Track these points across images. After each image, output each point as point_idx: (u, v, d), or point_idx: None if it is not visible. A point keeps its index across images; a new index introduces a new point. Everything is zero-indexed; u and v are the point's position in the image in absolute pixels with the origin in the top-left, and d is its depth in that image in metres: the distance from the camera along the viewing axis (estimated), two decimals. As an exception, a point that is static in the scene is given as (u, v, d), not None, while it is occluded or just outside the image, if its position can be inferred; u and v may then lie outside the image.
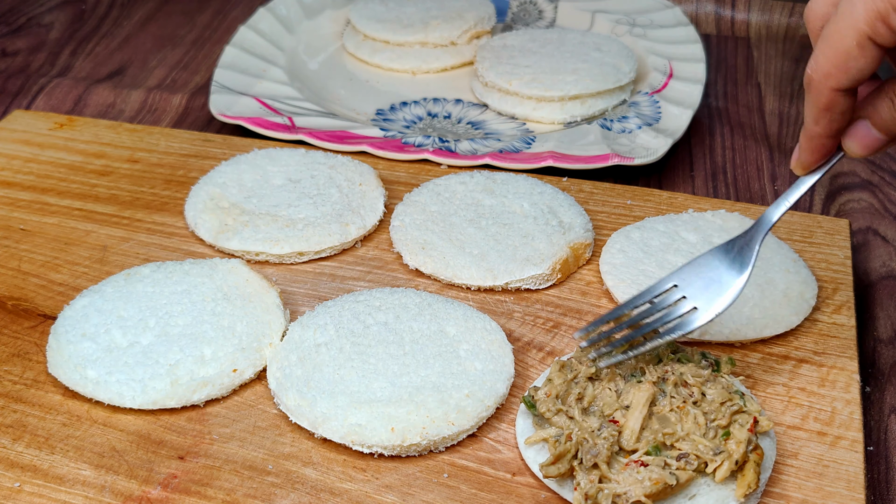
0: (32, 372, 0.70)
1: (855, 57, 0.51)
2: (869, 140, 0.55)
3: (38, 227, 0.85)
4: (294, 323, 0.72)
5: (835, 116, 0.55)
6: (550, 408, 0.61)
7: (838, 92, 0.53)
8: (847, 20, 0.50)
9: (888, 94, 0.54)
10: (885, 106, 0.54)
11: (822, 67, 0.53)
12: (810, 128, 0.56)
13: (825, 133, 0.56)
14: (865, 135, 0.55)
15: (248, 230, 0.81)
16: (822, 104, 0.54)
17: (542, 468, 0.59)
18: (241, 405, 0.68)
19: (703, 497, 0.58)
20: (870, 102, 0.55)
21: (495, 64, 1.06)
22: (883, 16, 0.49)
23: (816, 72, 0.53)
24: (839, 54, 0.51)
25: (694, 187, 0.96)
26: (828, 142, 0.57)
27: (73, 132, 0.99)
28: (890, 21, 0.49)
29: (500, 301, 0.77)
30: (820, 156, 0.58)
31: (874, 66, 0.52)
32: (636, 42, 1.15)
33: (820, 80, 0.53)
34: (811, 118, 0.56)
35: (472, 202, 0.84)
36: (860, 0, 0.50)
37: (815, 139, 0.57)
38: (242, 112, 1.00)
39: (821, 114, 0.55)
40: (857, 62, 0.51)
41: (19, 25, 1.29)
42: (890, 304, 0.79)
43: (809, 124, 0.56)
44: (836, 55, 0.52)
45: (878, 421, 0.70)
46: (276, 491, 0.61)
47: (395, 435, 0.62)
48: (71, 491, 0.61)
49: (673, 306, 0.62)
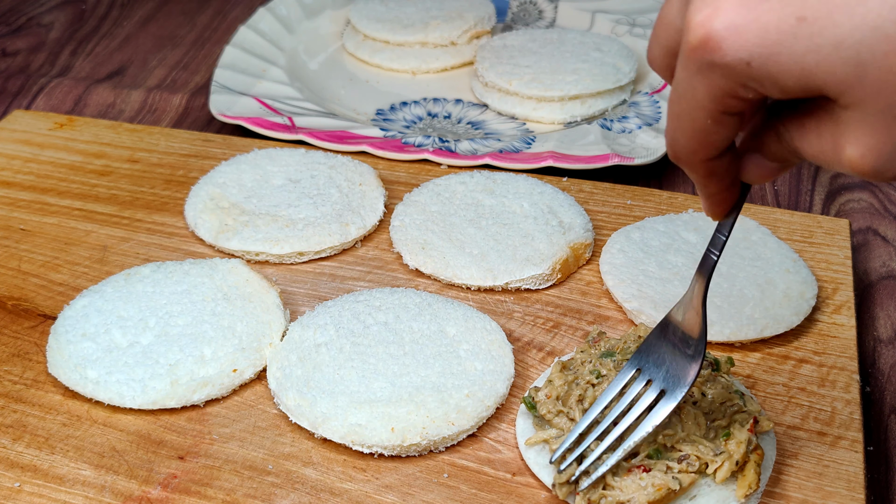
0: (32, 372, 0.70)
1: (714, 131, 0.47)
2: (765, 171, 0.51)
3: (38, 227, 0.85)
4: (294, 323, 0.72)
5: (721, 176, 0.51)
6: (551, 409, 0.61)
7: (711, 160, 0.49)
8: (692, 103, 0.45)
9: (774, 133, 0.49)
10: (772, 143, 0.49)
11: (684, 147, 0.48)
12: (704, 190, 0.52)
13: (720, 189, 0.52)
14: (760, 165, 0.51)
15: (248, 230, 0.81)
16: (703, 174, 0.50)
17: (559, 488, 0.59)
18: (241, 405, 0.68)
19: (703, 498, 0.58)
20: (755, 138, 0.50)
21: (495, 64, 1.06)
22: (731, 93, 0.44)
23: (681, 151, 0.49)
24: (696, 133, 0.47)
25: (694, 187, 0.96)
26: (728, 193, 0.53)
27: (73, 132, 0.99)
28: (740, 95, 0.44)
29: (500, 301, 0.77)
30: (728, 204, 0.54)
31: (737, 129, 0.47)
32: (636, 42, 1.15)
33: (688, 156, 0.49)
34: (700, 184, 0.52)
35: (472, 202, 0.84)
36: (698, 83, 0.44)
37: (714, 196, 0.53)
38: (242, 112, 1.00)
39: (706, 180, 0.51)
40: (719, 135, 0.47)
41: (19, 25, 1.29)
42: (890, 304, 0.79)
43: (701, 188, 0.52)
44: (695, 134, 0.47)
45: (878, 421, 0.70)
46: (276, 491, 0.61)
47: (395, 435, 0.62)
48: (71, 491, 0.61)
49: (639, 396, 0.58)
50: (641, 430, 0.57)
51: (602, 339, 0.65)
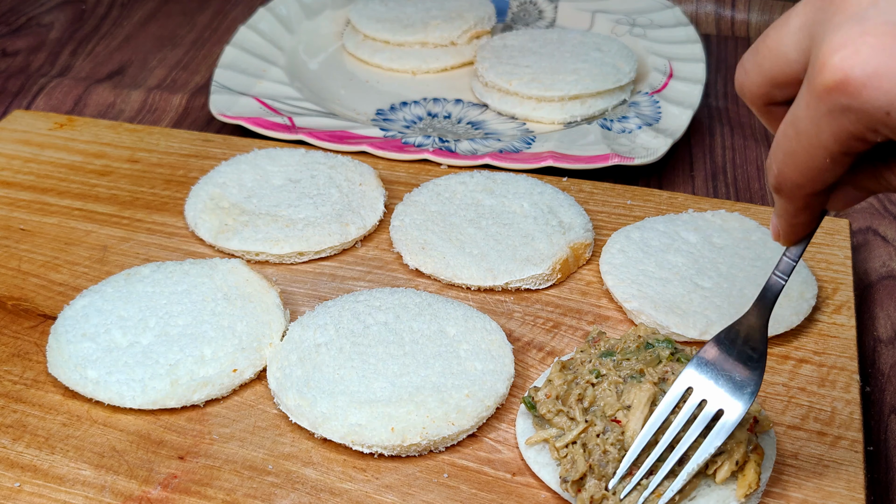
0: (32, 372, 0.70)
1: (829, 170, 0.46)
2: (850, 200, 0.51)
3: (38, 227, 0.85)
4: (294, 323, 0.72)
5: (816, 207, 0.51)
6: (551, 409, 0.61)
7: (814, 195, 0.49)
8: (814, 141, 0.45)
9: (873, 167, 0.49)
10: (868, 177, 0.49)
11: (792, 180, 0.48)
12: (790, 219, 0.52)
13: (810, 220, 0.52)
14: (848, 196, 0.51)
15: (248, 230, 0.81)
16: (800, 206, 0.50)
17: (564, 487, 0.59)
18: (241, 405, 0.68)
19: (703, 498, 0.58)
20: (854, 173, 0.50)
21: (495, 64, 1.06)
22: (858, 136, 0.43)
23: (786, 182, 0.48)
24: (810, 169, 0.47)
25: (694, 187, 0.96)
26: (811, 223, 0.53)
27: (73, 132, 0.99)
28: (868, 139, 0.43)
29: (500, 301, 0.77)
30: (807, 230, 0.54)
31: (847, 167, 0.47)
32: (636, 42, 1.15)
33: (792, 189, 0.49)
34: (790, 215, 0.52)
35: (472, 202, 0.84)
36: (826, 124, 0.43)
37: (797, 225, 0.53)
38: (242, 112, 1.00)
39: (800, 212, 0.51)
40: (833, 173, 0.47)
41: (19, 25, 1.29)
42: (890, 304, 0.79)
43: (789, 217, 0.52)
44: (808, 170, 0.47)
45: (878, 421, 0.70)
46: (276, 491, 0.61)
47: (395, 435, 0.62)
48: (71, 491, 0.61)
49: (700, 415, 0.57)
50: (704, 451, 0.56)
51: (602, 339, 0.65)
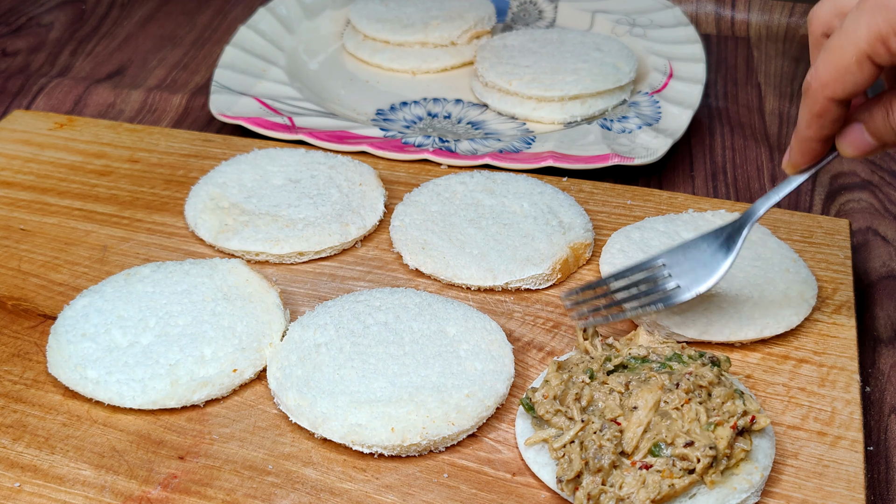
0: (32, 372, 0.70)
1: (853, 72, 0.54)
2: (861, 143, 0.59)
3: (38, 227, 0.85)
4: (294, 323, 0.72)
5: (826, 123, 0.58)
6: (549, 409, 0.61)
7: (832, 101, 0.57)
8: (849, 36, 0.53)
9: (885, 104, 0.57)
10: (880, 114, 0.57)
11: (820, 77, 0.56)
12: (802, 131, 0.60)
13: (816, 137, 0.60)
14: (858, 138, 0.59)
15: (248, 230, 0.81)
16: (816, 110, 0.58)
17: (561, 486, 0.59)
18: (241, 405, 0.68)
19: (703, 496, 0.58)
20: (867, 109, 0.58)
21: (495, 64, 1.06)
22: (884, 38, 0.52)
23: (815, 80, 0.56)
24: (838, 68, 0.55)
25: (694, 187, 0.96)
26: (817, 145, 0.61)
27: (73, 132, 0.99)
28: (889, 43, 0.52)
29: (500, 301, 0.77)
30: (810, 158, 0.62)
31: (869, 82, 0.55)
32: (636, 42, 1.15)
33: (817, 88, 0.56)
34: (804, 122, 0.59)
35: (472, 202, 0.84)
36: (864, 20, 0.52)
37: (805, 142, 0.61)
38: (242, 112, 1.00)
39: (813, 119, 0.58)
40: (854, 77, 0.55)
41: (19, 25, 1.29)
42: (890, 304, 0.79)
43: (802, 128, 0.60)
44: (836, 68, 0.55)
45: (878, 421, 0.70)
46: (276, 491, 0.61)
47: (395, 435, 0.62)
48: (71, 491, 0.61)
49: (658, 282, 0.66)
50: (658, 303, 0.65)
51: (597, 338, 0.66)
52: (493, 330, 0.70)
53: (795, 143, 0.61)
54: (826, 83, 0.56)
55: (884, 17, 0.51)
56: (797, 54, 1.21)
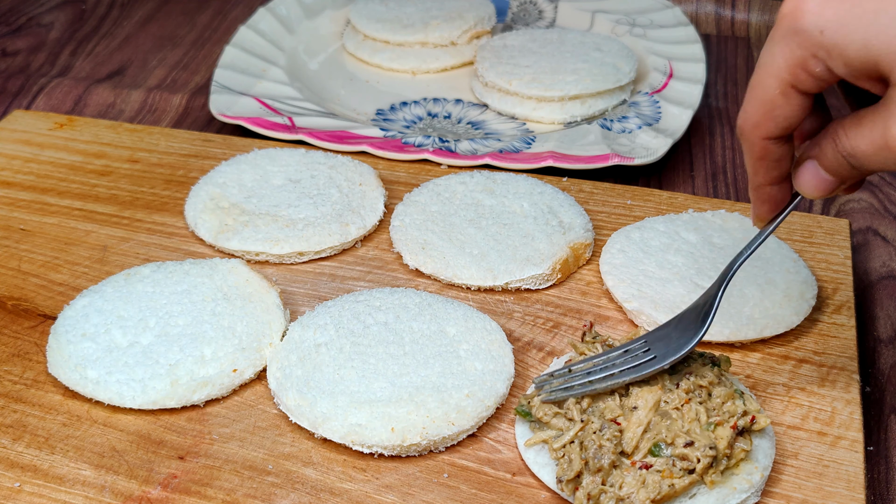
0: (32, 372, 0.70)
1: (780, 105, 0.51)
2: (818, 181, 0.54)
3: (38, 227, 0.85)
4: (294, 323, 0.72)
5: (771, 164, 0.55)
6: (547, 412, 0.61)
7: (769, 140, 0.53)
8: (768, 69, 0.51)
9: (832, 136, 0.52)
10: (829, 147, 0.52)
11: (749, 118, 0.53)
12: (752, 178, 0.56)
13: (766, 181, 0.56)
14: (814, 175, 0.54)
15: (248, 230, 0.81)
16: (756, 154, 0.54)
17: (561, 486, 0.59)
18: (241, 405, 0.68)
19: (703, 496, 0.58)
20: (817, 143, 0.54)
21: (495, 64, 1.06)
22: (802, 63, 0.49)
23: (745, 122, 0.53)
24: (764, 103, 0.52)
25: (694, 187, 0.96)
26: (773, 190, 0.57)
27: (73, 132, 0.99)
28: (809, 67, 0.49)
29: (500, 301, 0.77)
30: (772, 205, 0.58)
31: (801, 113, 0.52)
32: (636, 42, 1.15)
33: (750, 129, 0.53)
34: (750, 168, 0.56)
35: (472, 202, 0.84)
36: (778, 50, 0.50)
37: (759, 189, 0.57)
38: (242, 112, 1.00)
39: (757, 163, 0.55)
40: (783, 110, 0.52)
41: (19, 25, 1.29)
42: (890, 304, 0.79)
43: (751, 175, 0.56)
44: (762, 105, 0.52)
45: (878, 421, 0.70)
46: (276, 491, 0.61)
47: (395, 435, 0.62)
48: (71, 491, 0.61)
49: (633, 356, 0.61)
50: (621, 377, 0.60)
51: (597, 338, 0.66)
52: (493, 330, 0.70)
53: (752, 194, 0.57)
54: (757, 123, 0.53)
55: (797, 42, 0.49)
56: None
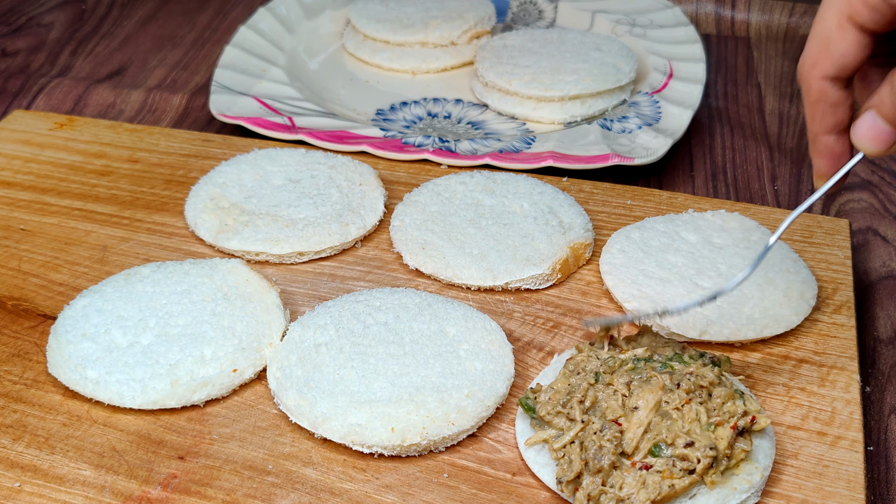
0: (32, 372, 0.70)
1: (836, 40, 0.51)
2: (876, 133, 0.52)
3: (38, 227, 0.85)
4: (294, 323, 0.72)
5: (827, 109, 0.54)
6: (550, 411, 0.61)
7: (826, 81, 0.53)
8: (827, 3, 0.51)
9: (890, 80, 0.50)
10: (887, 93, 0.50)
11: (808, 57, 0.53)
12: (810, 128, 0.55)
13: (822, 129, 0.55)
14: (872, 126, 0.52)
15: (248, 230, 0.81)
16: (813, 96, 0.54)
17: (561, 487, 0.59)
18: (241, 405, 0.68)
19: (703, 497, 0.58)
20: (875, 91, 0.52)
21: (495, 64, 1.06)
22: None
23: (804, 62, 0.53)
24: (822, 40, 0.52)
25: (694, 187, 0.96)
26: (829, 141, 0.55)
27: (73, 132, 0.99)
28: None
29: (500, 301, 0.77)
30: (829, 160, 0.56)
31: (857, 50, 0.51)
32: (636, 42, 1.15)
33: (807, 69, 0.53)
34: (808, 116, 0.55)
35: (472, 202, 0.84)
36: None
37: (817, 140, 0.55)
38: (242, 112, 1.00)
39: (814, 107, 0.54)
40: (839, 46, 0.51)
41: (19, 25, 1.29)
42: (890, 304, 0.79)
43: (809, 124, 0.55)
44: (820, 41, 0.52)
45: (878, 421, 0.70)
46: (276, 491, 0.61)
47: (395, 435, 0.62)
48: (71, 491, 0.61)
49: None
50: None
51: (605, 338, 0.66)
52: (493, 330, 0.70)
53: (811, 147, 0.56)
54: (814, 61, 0.52)
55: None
56: (797, 54, 1.21)
